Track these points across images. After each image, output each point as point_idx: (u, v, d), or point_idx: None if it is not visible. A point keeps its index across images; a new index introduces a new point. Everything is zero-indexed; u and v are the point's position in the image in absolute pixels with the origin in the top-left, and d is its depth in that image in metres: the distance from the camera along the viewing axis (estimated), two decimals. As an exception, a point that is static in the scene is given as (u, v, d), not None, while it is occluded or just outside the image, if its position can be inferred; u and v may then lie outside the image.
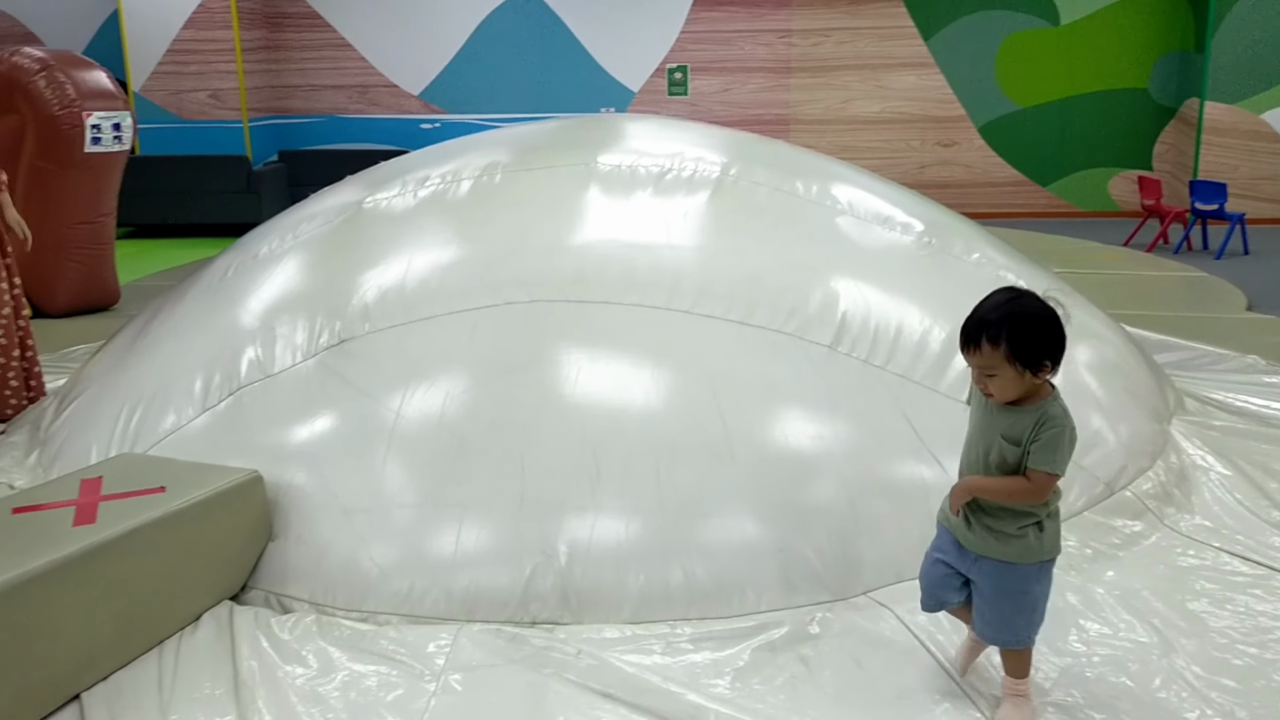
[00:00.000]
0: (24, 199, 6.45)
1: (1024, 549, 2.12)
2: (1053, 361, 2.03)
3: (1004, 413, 2.09)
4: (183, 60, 10.08)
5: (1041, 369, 2.02)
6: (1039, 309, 2.04)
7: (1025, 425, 2.05)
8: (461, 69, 10.72)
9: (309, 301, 3.29)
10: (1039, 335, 2.01)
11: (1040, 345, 2.01)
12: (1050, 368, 2.04)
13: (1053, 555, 2.16)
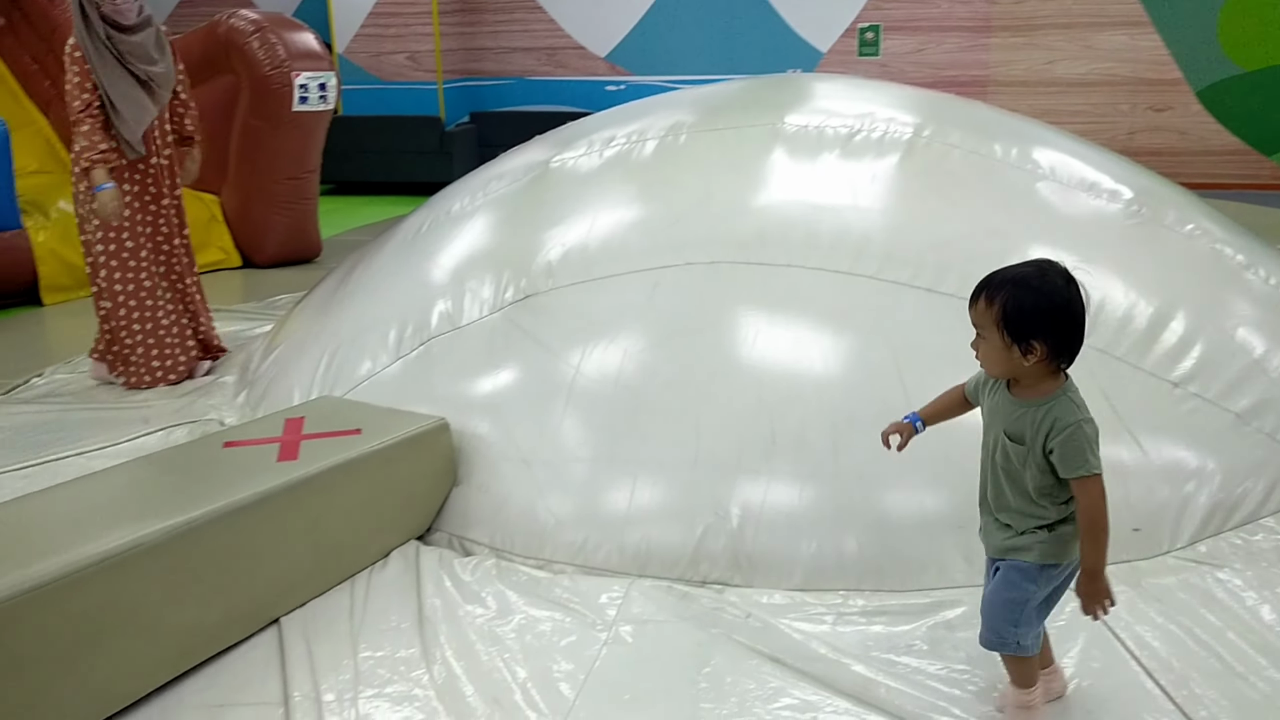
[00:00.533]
0: (237, 155, 6.87)
1: (1025, 546, 1.94)
2: (1047, 346, 1.83)
3: (1010, 405, 1.92)
4: (383, 23, 10.47)
5: (1030, 350, 1.83)
6: (1052, 286, 1.84)
7: (1030, 423, 1.87)
8: (648, 31, 10.72)
9: (496, 258, 3.38)
10: (1036, 310, 1.82)
11: (1034, 321, 1.82)
12: (1041, 352, 1.83)
13: (1056, 560, 1.94)
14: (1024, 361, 1.84)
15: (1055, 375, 1.88)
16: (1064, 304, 1.83)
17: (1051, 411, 1.85)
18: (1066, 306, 1.83)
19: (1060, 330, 1.83)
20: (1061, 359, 1.86)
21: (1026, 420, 1.87)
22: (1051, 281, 1.85)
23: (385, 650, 2.37)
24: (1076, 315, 1.84)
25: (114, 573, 2.16)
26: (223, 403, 4.00)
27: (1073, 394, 1.88)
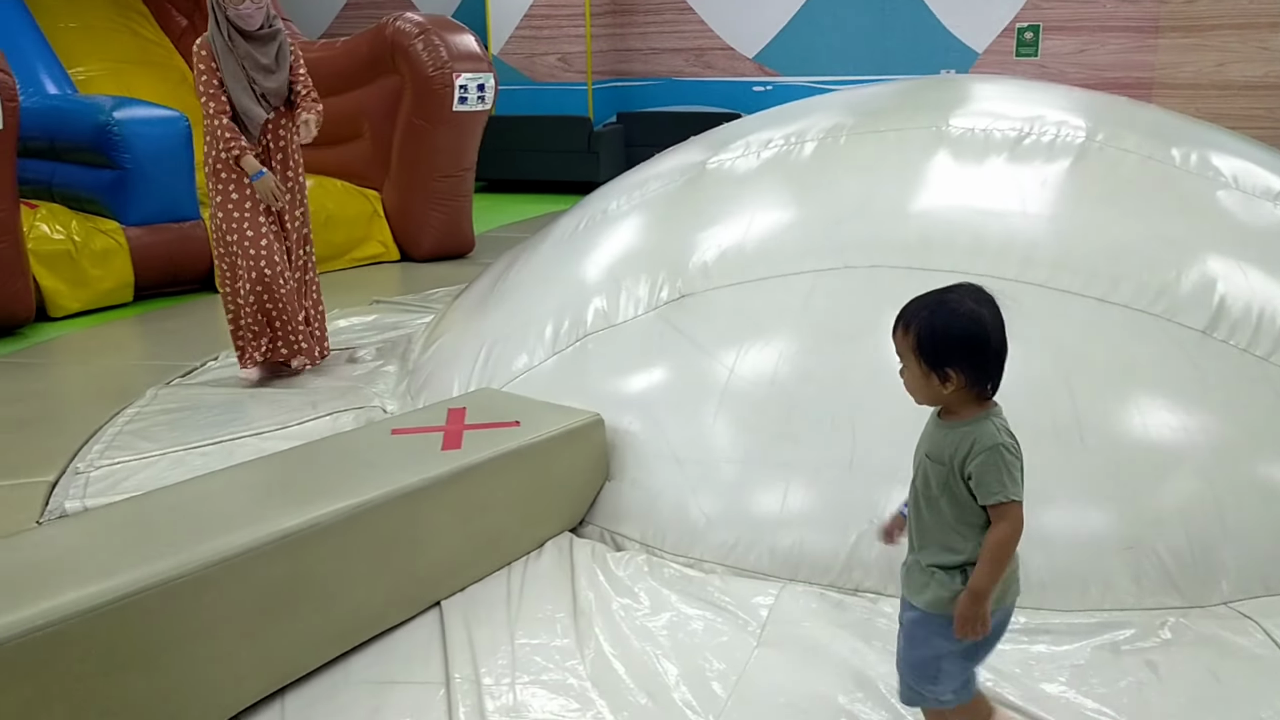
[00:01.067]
0: (398, 153, 7.13)
1: (935, 596, 1.81)
2: (963, 374, 1.75)
3: (935, 428, 1.84)
4: (537, 25, 10.69)
5: (946, 378, 1.76)
6: (964, 312, 1.76)
7: (951, 443, 1.79)
8: (797, 31, 10.65)
9: (652, 257, 3.41)
10: (949, 337, 1.75)
11: (947, 349, 1.75)
12: (958, 381, 1.75)
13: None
14: (943, 389, 1.78)
15: (980, 402, 1.80)
16: (975, 332, 1.75)
17: (971, 433, 1.77)
18: (978, 334, 1.75)
19: (974, 358, 1.76)
20: (981, 386, 1.78)
21: (947, 441, 1.80)
22: (964, 307, 1.77)
23: (541, 639, 2.43)
24: (991, 343, 1.76)
25: (294, 549, 2.28)
26: (385, 390, 4.16)
27: (996, 419, 1.79)
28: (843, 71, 10.61)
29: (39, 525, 3.21)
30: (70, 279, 5.83)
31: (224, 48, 4.06)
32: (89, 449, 3.82)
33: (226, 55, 4.06)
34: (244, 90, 4.09)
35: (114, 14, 8.47)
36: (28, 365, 5.06)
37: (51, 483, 3.56)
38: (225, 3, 4.03)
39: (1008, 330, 1.79)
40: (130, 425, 3.99)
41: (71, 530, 2.33)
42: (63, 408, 4.44)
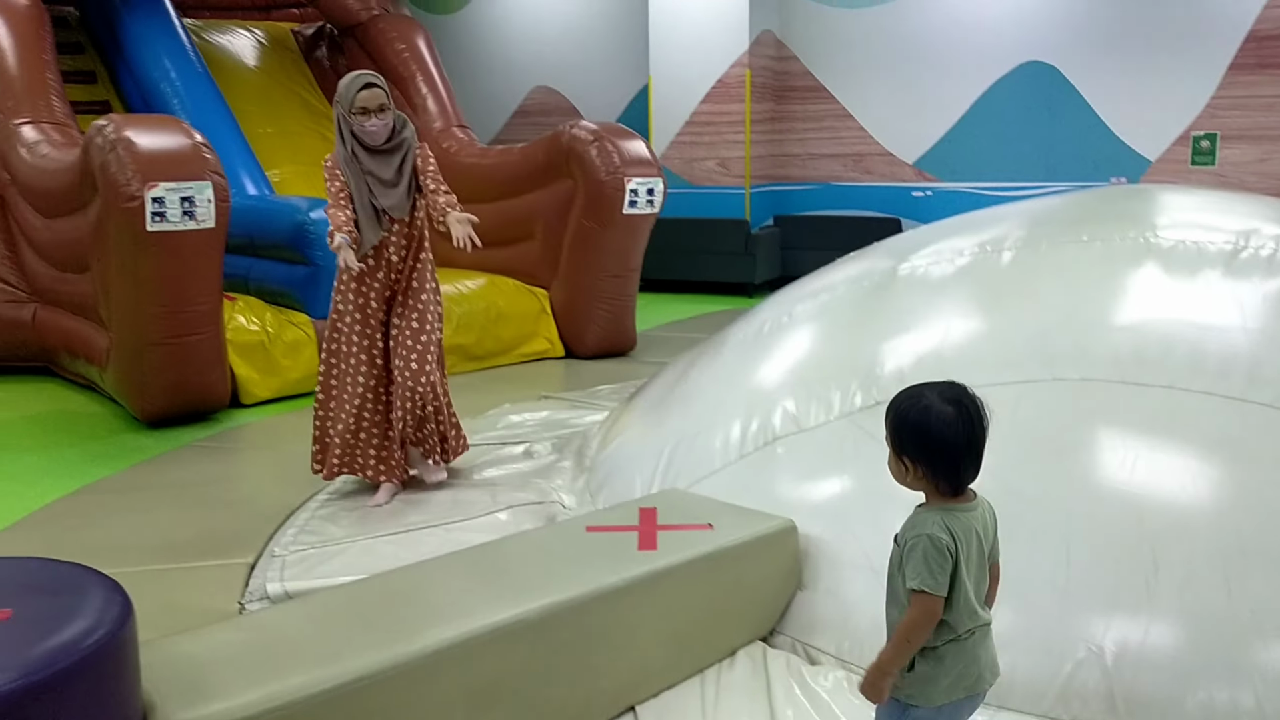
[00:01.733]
0: (568, 253, 7.34)
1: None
2: (918, 464, 1.86)
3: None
4: (698, 131, 10.96)
5: (905, 466, 1.88)
6: (933, 406, 1.87)
7: (903, 528, 1.91)
8: (960, 137, 10.60)
9: (842, 361, 3.39)
10: (910, 430, 1.87)
11: (908, 440, 1.88)
12: (916, 471, 1.87)
13: (915, 701, 1.88)
14: (905, 475, 1.90)
15: (940, 494, 1.89)
16: (933, 428, 1.85)
17: (914, 520, 1.88)
18: (936, 431, 1.84)
19: (929, 453, 1.86)
20: (938, 480, 1.87)
21: (904, 525, 1.92)
22: (932, 403, 1.87)
23: (741, 752, 2.37)
24: (947, 442, 1.84)
25: (501, 644, 2.30)
26: (562, 485, 4.20)
27: (940, 512, 1.87)
28: (1007, 178, 10.49)
29: (243, 605, 3.34)
30: (262, 368, 6.16)
31: (347, 161, 4.00)
32: (283, 533, 3.97)
33: (351, 169, 3.99)
34: (364, 207, 3.99)
35: (307, 121, 9.08)
36: (222, 449, 5.33)
37: (250, 564, 3.70)
38: (350, 118, 3.96)
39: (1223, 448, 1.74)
40: (320, 511, 4.14)
41: (293, 614, 2.41)
42: (255, 491, 4.64)
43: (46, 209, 6.37)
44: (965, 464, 1.88)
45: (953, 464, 1.87)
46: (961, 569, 1.85)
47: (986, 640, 1.95)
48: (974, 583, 1.89)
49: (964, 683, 1.91)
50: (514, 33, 12.62)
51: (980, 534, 1.92)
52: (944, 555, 1.83)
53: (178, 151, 5.40)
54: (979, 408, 1.89)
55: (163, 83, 7.90)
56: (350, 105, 3.95)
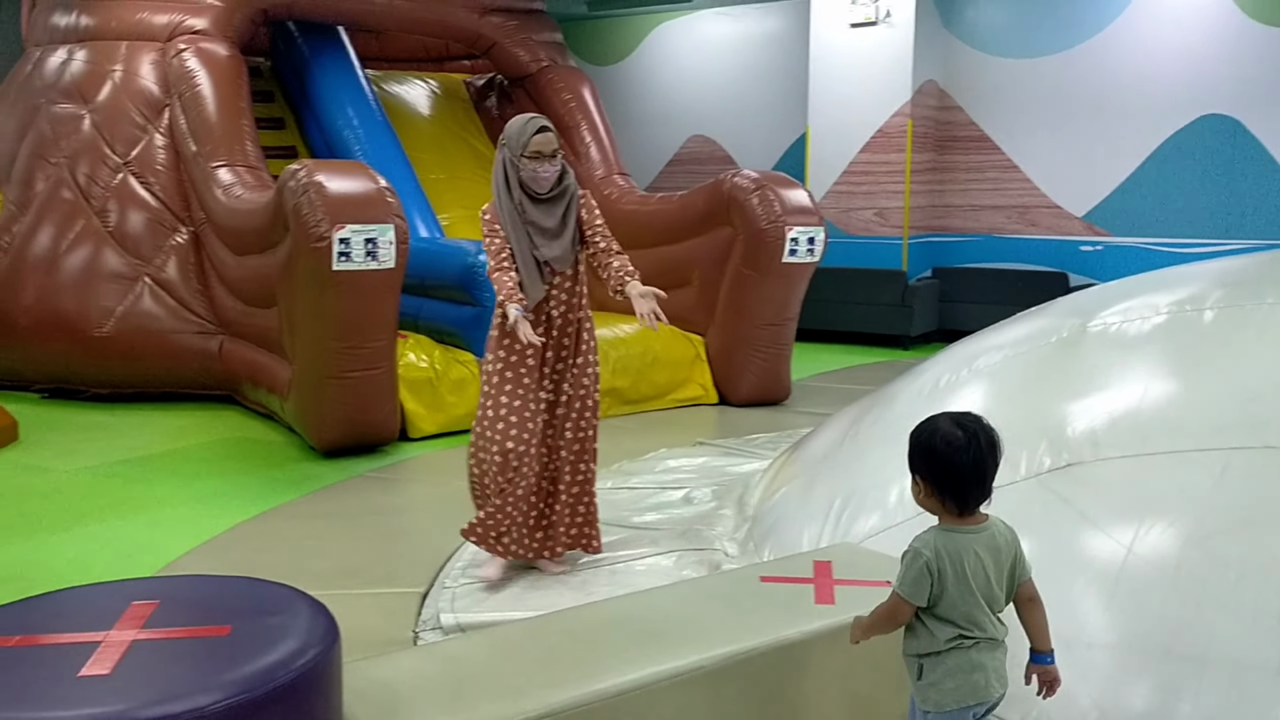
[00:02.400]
0: (725, 300, 7.36)
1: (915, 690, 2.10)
2: (927, 483, 2.06)
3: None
4: (855, 180, 10.88)
5: (915, 483, 2.09)
6: (937, 431, 2.05)
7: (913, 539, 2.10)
8: (1133, 190, 10.20)
9: (1029, 420, 3.27)
10: (919, 450, 2.07)
11: (917, 459, 2.08)
12: (924, 488, 2.07)
13: (928, 707, 2.07)
14: (918, 493, 2.10)
15: (947, 513, 2.07)
16: (939, 450, 2.03)
17: (920, 534, 2.08)
18: (941, 453, 2.03)
19: (935, 472, 2.05)
20: (942, 498, 2.06)
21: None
22: (940, 427, 2.06)
23: (925, 820, 2.28)
24: (952, 463, 2.02)
25: (680, 691, 2.29)
26: (723, 533, 4.18)
27: (939, 532, 2.06)
28: (1183, 234, 10.03)
29: (417, 634, 3.42)
30: (430, 404, 6.36)
31: (511, 212, 3.63)
32: (452, 564, 4.07)
33: (512, 219, 3.62)
34: (526, 261, 3.62)
35: (475, 167, 9.41)
36: (392, 481, 5.51)
37: (422, 594, 3.80)
38: (520, 162, 3.58)
39: None
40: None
41: (477, 645, 2.46)
42: (424, 523, 4.78)
43: (238, 247, 6.77)
44: (969, 486, 2.04)
45: (957, 485, 2.04)
46: (949, 584, 2.03)
47: (995, 652, 2.10)
48: (977, 597, 2.05)
49: (971, 689, 2.06)
50: (673, 82, 12.83)
51: (981, 555, 2.06)
52: (923, 572, 2.03)
53: (364, 196, 5.67)
54: (991, 436, 2.06)
55: (346, 129, 8.32)
56: (523, 149, 3.57)
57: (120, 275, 7.25)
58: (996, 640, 2.10)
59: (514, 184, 3.63)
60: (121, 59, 7.67)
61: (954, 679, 2.06)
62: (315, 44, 8.74)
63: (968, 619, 2.05)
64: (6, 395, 7.27)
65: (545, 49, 9.34)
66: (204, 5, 7.79)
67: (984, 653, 2.08)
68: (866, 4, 10.64)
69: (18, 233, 7.53)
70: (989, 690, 2.09)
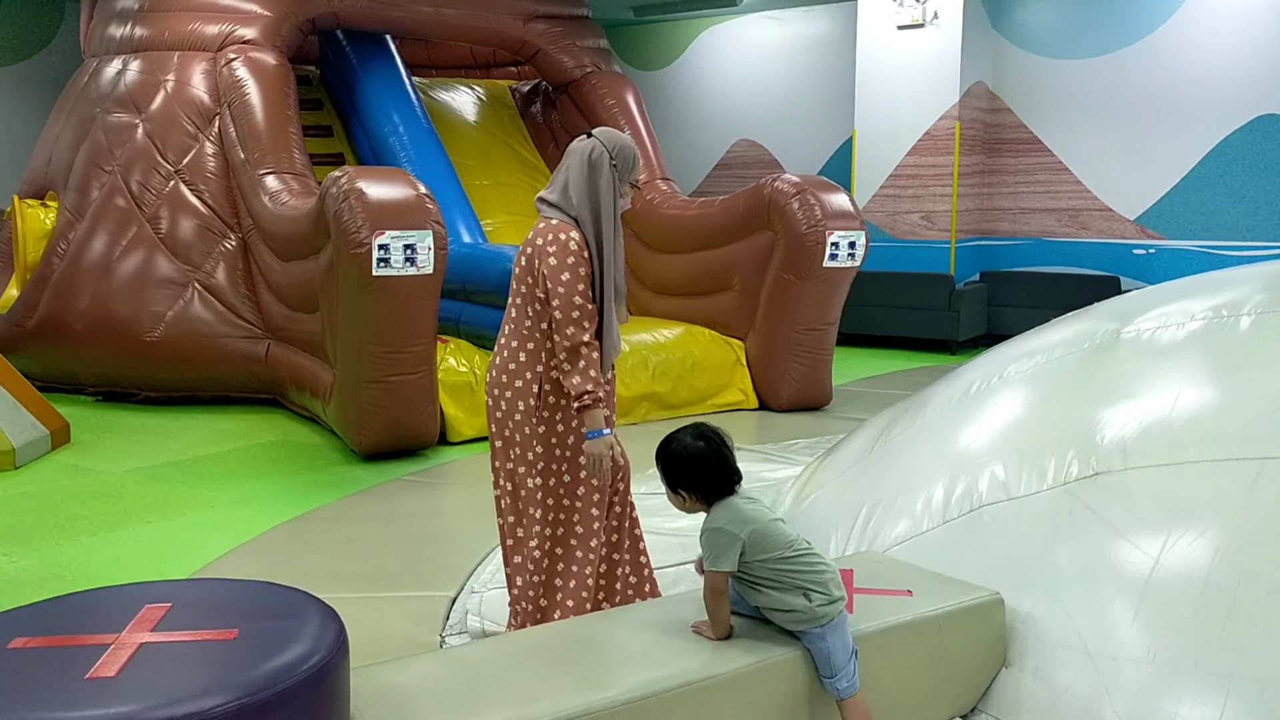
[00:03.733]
0: (765, 305, 7.33)
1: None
2: (691, 490, 2.49)
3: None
4: (902, 184, 10.78)
5: (682, 496, 2.52)
6: (682, 447, 2.49)
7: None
8: (1187, 193, 9.99)
9: (1058, 427, 3.22)
10: (676, 466, 2.50)
11: (677, 475, 2.50)
12: (691, 497, 2.51)
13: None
14: (684, 503, 2.52)
15: (708, 505, 2.50)
16: (691, 457, 2.48)
17: (708, 518, 2.49)
18: (693, 459, 2.48)
19: (696, 477, 2.48)
20: (710, 496, 2.49)
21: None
22: (682, 441, 2.50)
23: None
24: (704, 463, 2.47)
25: (694, 699, 2.28)
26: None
27: (727, 506, 2.46)
28: (1240, 237, 9.80)
29: (443, 639, 3.45)
30: (469, 408, 6.41)
31: (614, 240, 2.96)
32: (482, 569, 4.10)
33: (616, 249, 2.98)
34: (619, 293, 3.01)
35: (520, 173, 9.49)
36: (430, 484, 5.57)
37: (451, 598, 3.83)
38: (624, 188, 2.99)
39: None
40: (518, 550, 4.24)
41: (492, 650, 2.48)
42: (460, 526, 4.82)
43: (284, 253, 6.89)
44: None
45: (713, 479, 2.48)
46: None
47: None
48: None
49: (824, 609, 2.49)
50: (720, 87, 12.82)
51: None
52: (733, 534, 2.44)
53: (403, 202, 5.74)
54: (721, 438, 2.52)
55: (391, 137, 8.43)
56: (633, 176, 3.02)
57: (170, 281, 7.41)
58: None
59: (616, 208, 2.96)
60: (173, 69, 7.84)
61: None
62: (363, 52, 8.87)
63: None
64: (60, 398, 7.47)
65: (589, 55, 9.39)
66: (254, 15, 7.94)
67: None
68: (914, 6, 10.55)
69: (73, 239, 7.74)
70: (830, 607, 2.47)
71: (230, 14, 7.93)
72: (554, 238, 2.90)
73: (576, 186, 2.94)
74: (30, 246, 8.01)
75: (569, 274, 2.87)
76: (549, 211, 2.98)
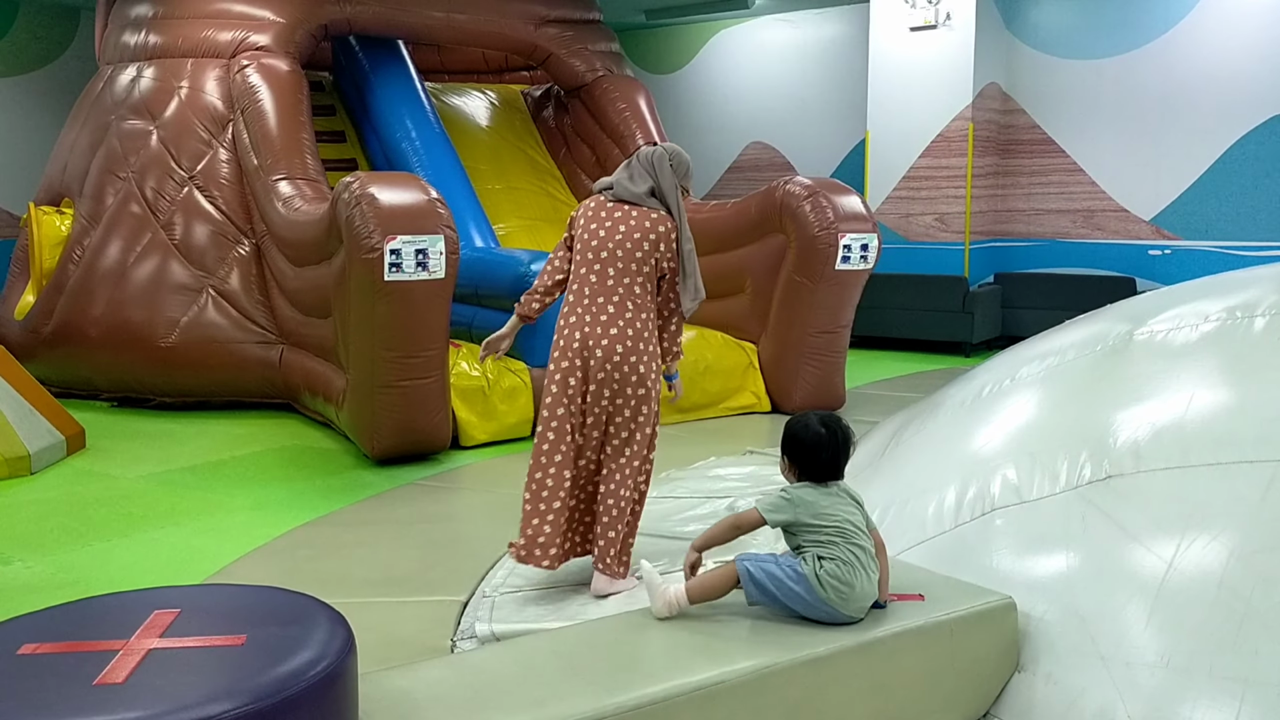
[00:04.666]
0: (778, 308, 7.32)
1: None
2: (791, 461, 2.80)
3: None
4: (915, 186, 10.74)
5: (783, 463, 2.85)
6: (802, 426, 2.79)
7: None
8: (1203, 193, 9.92)
9: (1070, 430, 3.20)
10: (787, 440, 2.80)
11: (786, 446, 2.80)
12: (788, 465, 2.82)
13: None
14: (786, 470, 2.85)
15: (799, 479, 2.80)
16: (799, 438, 2.77)
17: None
18: (801, 440, 2.76)
19: (796, 455, 2.78)
20: (803, 473, 2.78)
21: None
22: (804, 423, 2.79)
23: (950, 841, 2.24)
24: (809, 447, 2.75)
25: (703, 705, 2.27)
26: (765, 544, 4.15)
27: (792, 489, 2.76)
28: (1258, 237, 9.73)
29: (454, 643, 3.45)
30: (482, 413, 6.42)
31: (687, 222, 3.72)
32: (494, 574, 4.09)
33: (689, 237, 3.71)
34: (699, 276, 3.73)
35: (532, 178, 9.50)
36: (443, 489, 5.57)
37: (463, 603, 3.83)
38: (685, 178, 3.75)
39: None
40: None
41: (502, 656, 2.47)
42: (470, 531, 4.82)
43: (297, 258, 6.91)
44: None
45: (811, 463, 2.77)
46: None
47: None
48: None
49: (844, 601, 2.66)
50: (731, 90, 12.81)
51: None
52: (779, 507, 2.74)
53: (414, 207, 5.75)
54: (841, 437, 2.77)
55: (404, 142, 8.45)
56: (686, 180, 3.76)
57: (185, 287, 7.45)
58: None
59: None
60: (187, 75, 7.89)
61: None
62: (375, 58, 8.90)
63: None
64: (77, 403, 7.51)
65: (601, 59, 9.39)
66: (266, 22, 7.98)
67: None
68: (926, 7, 10.52)
69: (89, 246, 7.79)
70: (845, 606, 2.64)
71: (243, 21, 7.98)
72: (672, 226, 3.68)
73: (666, 186, 3.68)
74: (46, 253, 8.07)
75: (670, 245, 3.67)
76: (651, 203, 3.67)
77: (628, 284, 3.62)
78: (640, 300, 3.64)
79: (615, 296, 3.62)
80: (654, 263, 3.65)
